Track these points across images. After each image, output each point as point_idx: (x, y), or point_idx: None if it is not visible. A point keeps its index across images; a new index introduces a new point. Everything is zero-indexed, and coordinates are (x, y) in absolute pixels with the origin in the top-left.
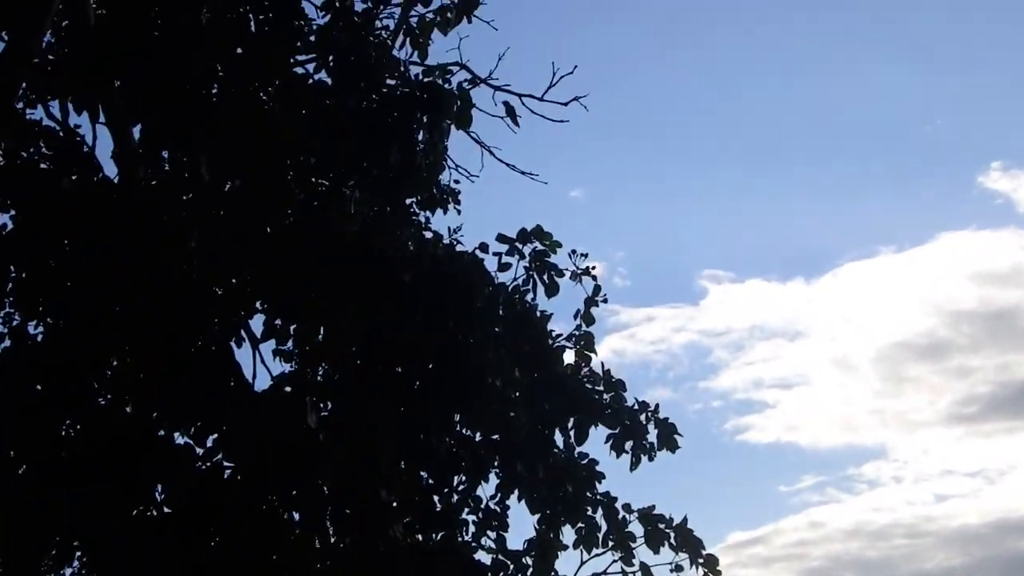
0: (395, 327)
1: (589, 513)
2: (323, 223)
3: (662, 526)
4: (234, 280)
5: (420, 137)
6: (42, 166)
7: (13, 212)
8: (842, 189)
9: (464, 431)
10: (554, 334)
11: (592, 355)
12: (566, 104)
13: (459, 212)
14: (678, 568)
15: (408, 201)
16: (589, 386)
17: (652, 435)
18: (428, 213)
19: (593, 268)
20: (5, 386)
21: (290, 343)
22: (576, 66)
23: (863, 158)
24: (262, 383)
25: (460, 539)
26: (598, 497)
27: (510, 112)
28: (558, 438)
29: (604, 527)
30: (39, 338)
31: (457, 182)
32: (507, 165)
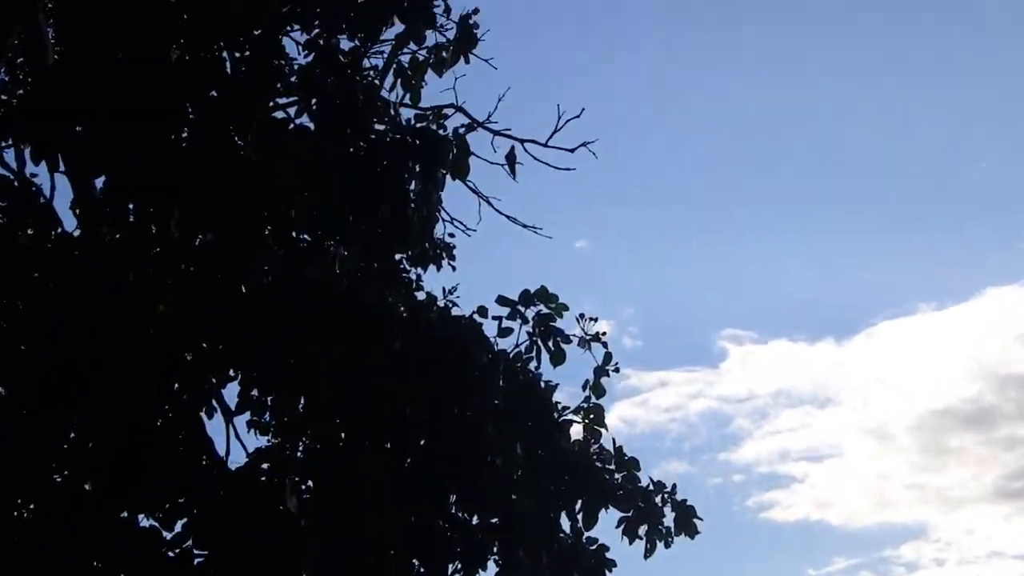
0: (385, 398)
1: None
2: (305, 283)
3: None
4: (205, 344)
5: (412, 188)
6: None
7: None
8: (876, 239)
9: (460, 513)
10: (560, 406)
11: (602, 430)
12: (572, 151)
13: (454, 269)
14: None
15: (398, 257)
16: (599, 464)
17: (669, 518)
18: (420, 270)
19: (604, 334)
20: None
21: (267, 414)
22: (583, 109)
23: (900, 205)
24: (236, 459)
25: None
26: None
27: (511, 159)
28: (564, 522)
29: None
30: None
31: (452, 236)
32: (507, 218)
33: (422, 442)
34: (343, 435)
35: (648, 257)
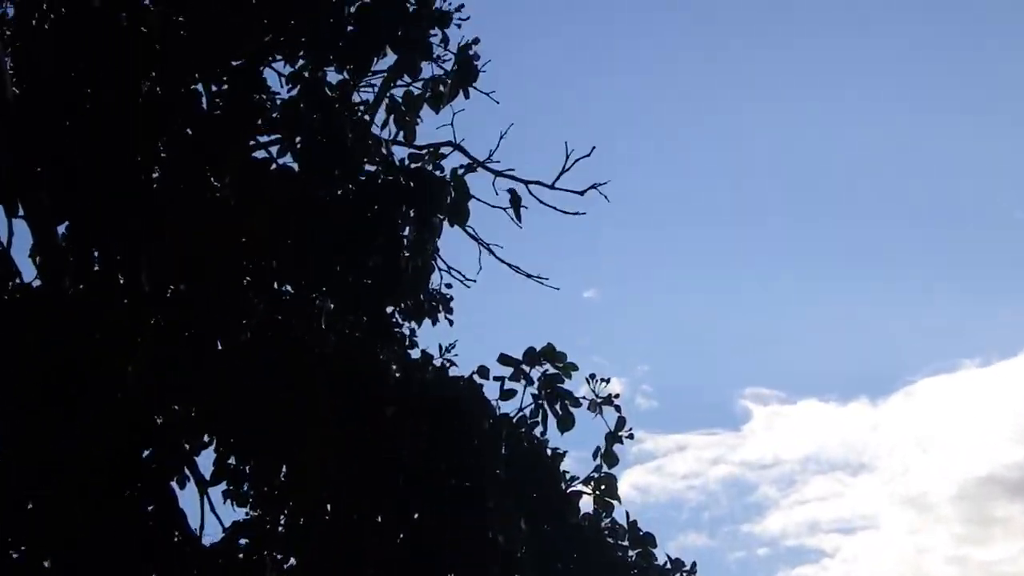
0: (375, 468)
1: None
2: (287, 339)
3: None
4: (178, 407)
5: (406, 234)
6: None
7: None
8: (915, 289)
9: None
10: (568, 476)
11: (614, 502)
12: (582, 193)
13: (451, 323)
14: None
15: (390, 310)
16: (611, 540)
17: None
18: (414, 325)
19: (616, 397)
20: None
21: (246, 484)
22: (594, 147)
23: (941, 252)
24: (212, 534)
25: None
26: None
27: (515, 203)
28: None
29: None
30: None
31: (449, 287)
32: (510, 267)
33: (416, 515)
34: (328, 507)
35: (663, 308)
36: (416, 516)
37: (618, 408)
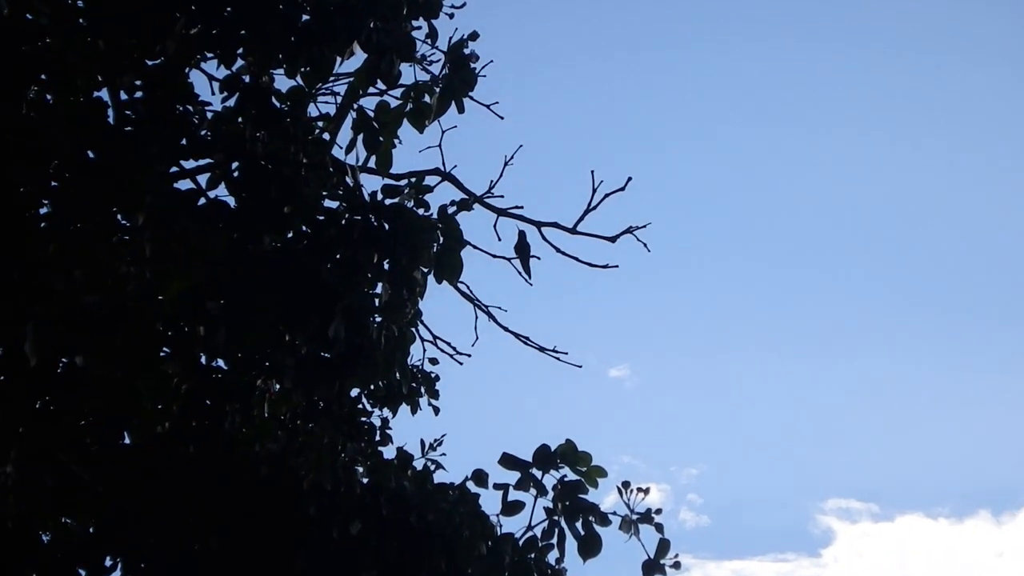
0: None
1: None
2: (218, 432)
3: None
4: (69, 520)
5: (378, 292)
6: None
7: None
8: None
9: None
10: None
11: None
12: (614, 240)
13: (437, 412)
14: None
15: (355, 393)
16: None
17: None
18: (388, 413)
19: (658, 512)
20: None
21: None
22: (630, 179)
23: None
24: None
25: None
26: None
27: (523, 252)
28: None
29: None
30: None
31: (436, 363)
32: (517, 337)
33: None
34: None
35: (716, 394)
36: None
37: (659, 527)
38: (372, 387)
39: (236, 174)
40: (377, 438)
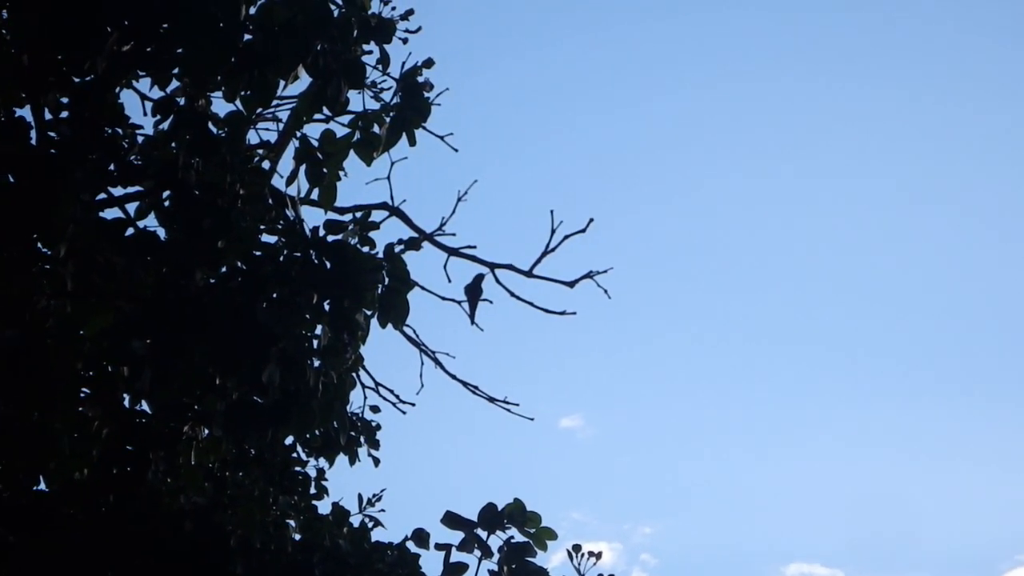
0: None
1: None
2: (140, 483)
3: None
4: None
5: (317, 336)
6: None
7: None
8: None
9: None
10: None
11: None
12: (572, 285)
13: (377, 463)
14: None
15: (288, 442)
16: None
17: None
18: (324, 464)
19: None
20: None
21: None
22: (591, 220)
23: None
24: None
25: None
26: None
27: (473, 295)
28: None
29: None
30: None
31: (377, 411)
32: (465, 386)
33: None
34: None
35: (674, 450)
36: None
37: None
38: (308, 436)
39: (167, 204)
40: (312, 491)
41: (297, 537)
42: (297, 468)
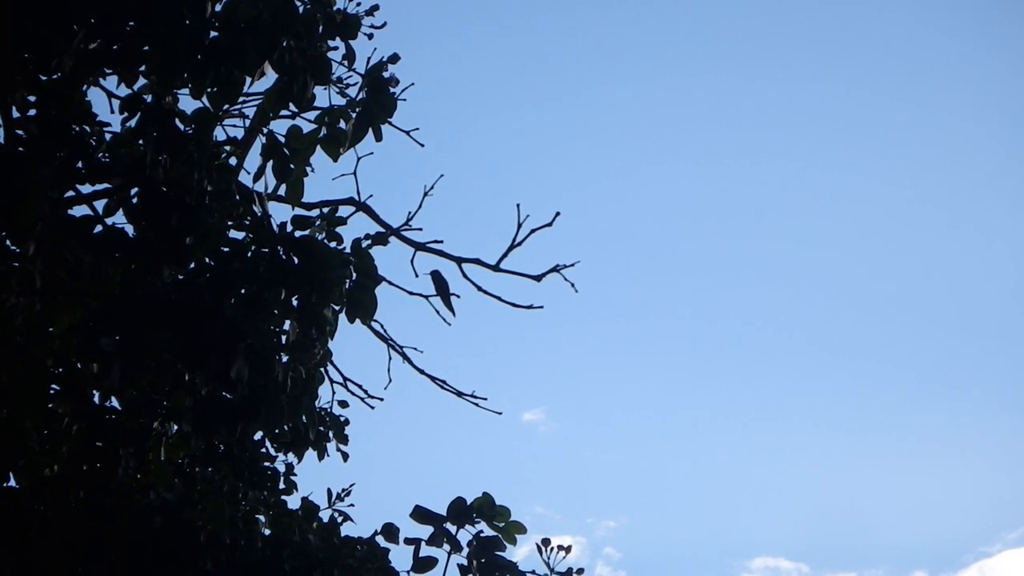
0: None
1: None
2: (110, 479)
3: None
4: None
5: (285, 331)
6: None
7: None
8: (991, 441)
9: None
10: None
11: None
12: (539, 279)
13: (346, 458)
14: None
15: (257, 437)
16: None
17: None
18: (293, 459)
19: (579, 572)
20: None
21: None
22: (558, 214)
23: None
24: None
25: None
26: None
27: (441, 288)
28: None
29: None
30: None
31: (345, 405)
32: (433, 380)
33: None
34: None
35: (637, 443)
36: None
37: None
38: (276, 431)
39: (135, 201)
40: (281, 486)
41: (267, 532)
42: (266, 463)
